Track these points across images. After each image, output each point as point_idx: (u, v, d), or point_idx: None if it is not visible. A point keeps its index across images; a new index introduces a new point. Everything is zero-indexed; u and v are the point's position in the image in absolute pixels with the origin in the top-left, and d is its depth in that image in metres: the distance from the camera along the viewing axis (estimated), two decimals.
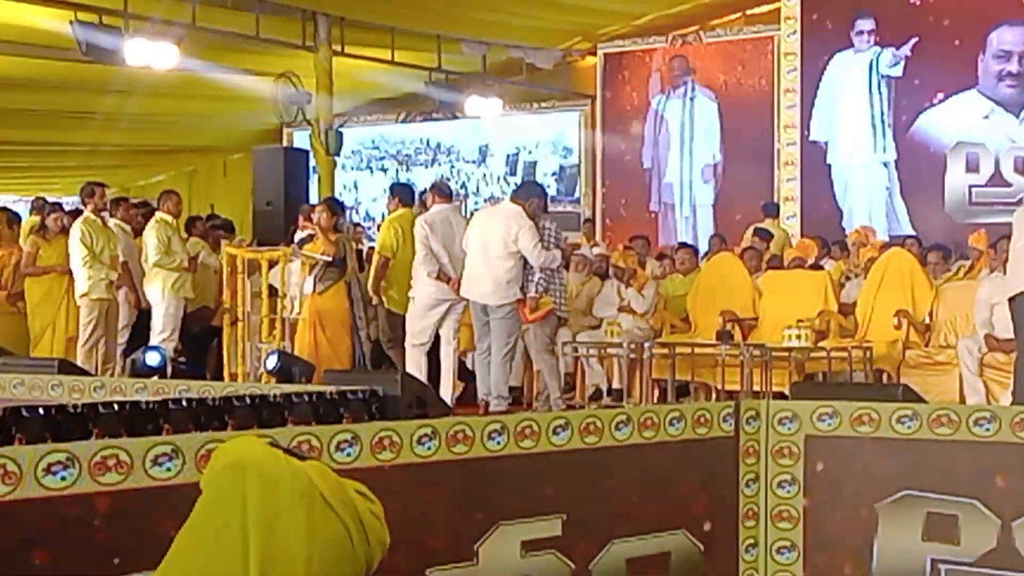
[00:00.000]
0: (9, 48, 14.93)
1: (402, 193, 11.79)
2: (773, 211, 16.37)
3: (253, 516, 1.88)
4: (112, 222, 11.78)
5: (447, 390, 10.39)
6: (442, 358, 10.79)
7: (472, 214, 12.58)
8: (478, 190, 20.77)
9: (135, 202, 13.38)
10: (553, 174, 19.95)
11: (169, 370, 7.75)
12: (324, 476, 1.96)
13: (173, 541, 1.97)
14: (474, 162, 20.95)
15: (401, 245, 11.12)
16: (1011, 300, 8.54)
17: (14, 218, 12.19)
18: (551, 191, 18.23)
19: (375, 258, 11.45)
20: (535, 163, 20.34)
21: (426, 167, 21.39)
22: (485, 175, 20.83)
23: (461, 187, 20.83)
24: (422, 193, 12.25)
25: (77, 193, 12.07)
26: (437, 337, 10.74)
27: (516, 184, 19.33)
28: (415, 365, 10.47)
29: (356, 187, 21.83)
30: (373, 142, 21.91)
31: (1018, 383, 8.52)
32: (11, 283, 11.54)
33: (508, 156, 20.61)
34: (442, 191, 11.25)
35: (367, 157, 21.94)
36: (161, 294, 11.47)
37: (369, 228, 19.67)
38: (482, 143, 20.75)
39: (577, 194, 19.82)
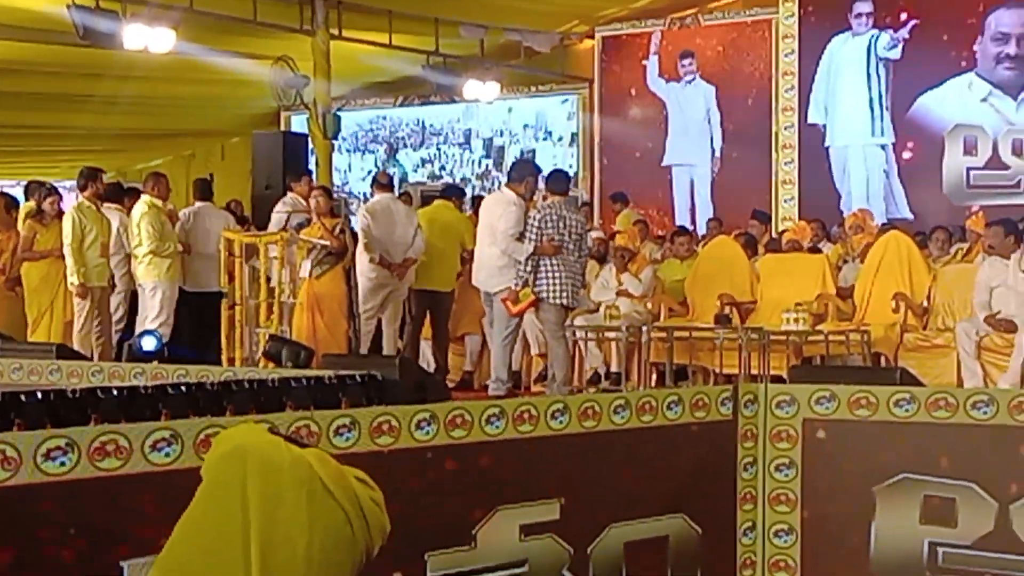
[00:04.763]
0: (6, 32, 14.90)
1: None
2: (623, 199, 16.67)
3: (254, 503, 1.89)
4: (106, 207, 11.72)
5: None
6: (383, 341, 10.94)
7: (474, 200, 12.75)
8: (452, 172, 20.74)
9: (126, 187, 13.31)
10: (515, 157, 19.71)
11: (166, 354, 7.75)
12: (324, 463, 1.96)
13: (174, 527, 1.98)
14: (459, 145, 20.89)
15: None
16: None
17: (12, 203, 12.14)
18: None
19: None
20: (503, 147, 20.26)
21: (413, 149, 21.36)
22: (464, 158, 20.76)
23: (440, 169, 20.85)
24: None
25: (75, 177, 12.01)
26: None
27: (487, 167, 19.20)
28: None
29: (350, 169, 21.86)
30: (371, 123, 21.86)
31: None
32: (9, 267, 11.50)
33: (484, 141, 20.57)
34: (380, 182, 11.65)
35: (360, 140, 21.92)
36: (156, 279, 11.40)
37: (353, 205, 19.74)
38: (474, 127, 20.68)
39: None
